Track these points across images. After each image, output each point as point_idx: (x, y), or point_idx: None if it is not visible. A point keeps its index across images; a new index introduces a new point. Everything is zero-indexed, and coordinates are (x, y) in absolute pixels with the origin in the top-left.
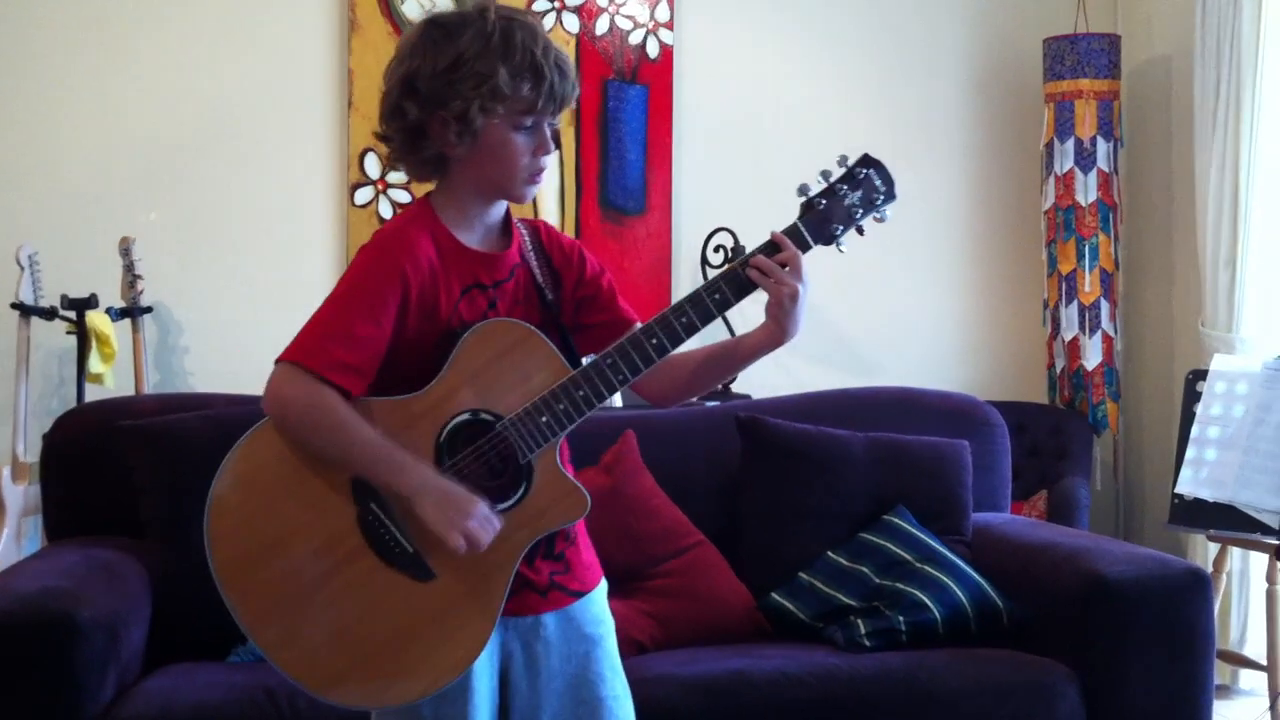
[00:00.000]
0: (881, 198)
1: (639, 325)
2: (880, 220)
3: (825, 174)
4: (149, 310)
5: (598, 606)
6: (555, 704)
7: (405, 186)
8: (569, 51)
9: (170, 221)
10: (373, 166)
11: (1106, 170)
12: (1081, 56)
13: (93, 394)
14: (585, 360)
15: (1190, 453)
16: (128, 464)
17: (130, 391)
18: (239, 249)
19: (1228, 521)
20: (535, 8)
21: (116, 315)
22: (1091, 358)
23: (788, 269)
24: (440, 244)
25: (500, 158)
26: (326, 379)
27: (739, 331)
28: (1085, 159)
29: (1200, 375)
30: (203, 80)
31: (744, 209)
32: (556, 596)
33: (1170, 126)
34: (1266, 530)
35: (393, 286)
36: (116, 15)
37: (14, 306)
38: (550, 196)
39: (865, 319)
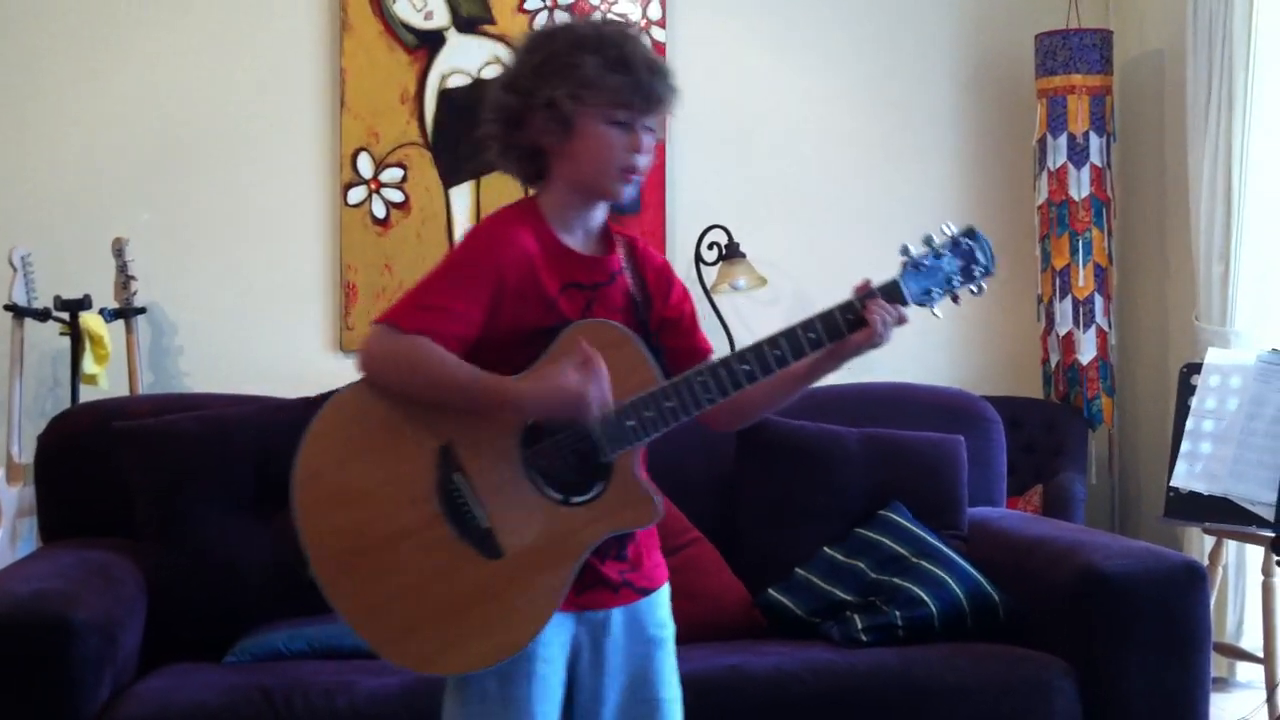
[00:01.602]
0: (980, 270)
1: (712, 356)
2: (976, 293)
3: (928, 238)
4: (142, 311)
5: (663, 609)
6: (616, 700)
7: (399, 186)
8: None
9: (163, 222)
10: (365, 166)
11: (1099, 165)
12: (1074, 52)
13: (87, 395)
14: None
15: (1185, 446)
16: (122, 465)
17: (124, 392)
18: (232, 249)
19: (1223, 514)
20: (527, 6)
21: (110, 316)
22: (1086, 352)
23: (899, 321)
24: (542, 240)
25: (593, 151)
26: (417, 336)
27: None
28: (1078, 154)
29: (1194, 369)
30: (195, 81)
31: (737, 206)
32: (626, 594)
33: (1163, 121)
34: (1262, 523)
35: (489, 272)
36: (109, 16)
37: (7, 308)
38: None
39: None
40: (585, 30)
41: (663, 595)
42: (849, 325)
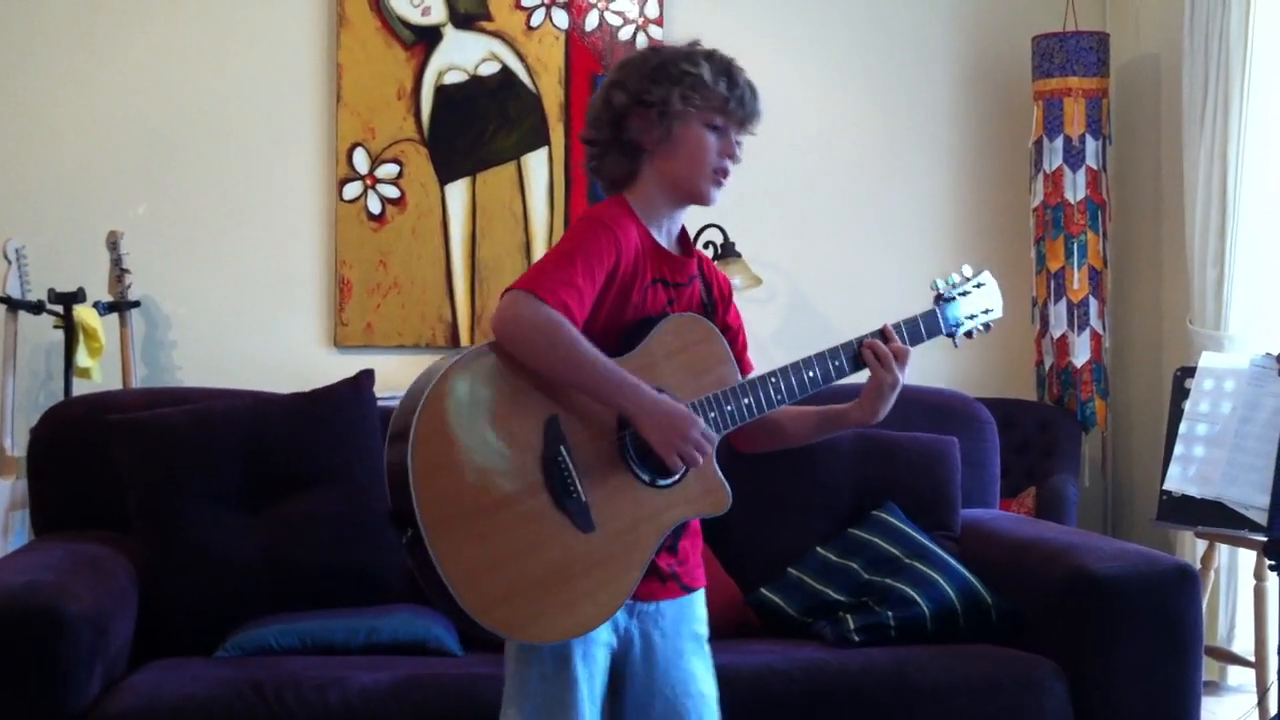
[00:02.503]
0: (993, 310)
1: (753, 374)
2: (984, 331)
3: (951, 278)
4: (136, 304)
5: (702, 607)
6: (665, 694)
7: (394, 181)
8: (558, 47)
9: (158, 216)
10: (361, 161)
11: (1095, 168)
12: (1070, 54)
13: (80, 388)
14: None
15: (1178, 449)
16: (114, 458)
17: (118, 386)
18: (227, 243)
19: (1216, 518)
20: (524, 3)
21: (104, 309)
22: (1080, 355)
23: (897, 360)
24: (640, 234)
25: (690, 152)
26: (553, 309)
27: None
28: (1074, 157)
29: (1188, 372)
30: (191, 75)
31: (733, 206)
32: (673, 587)
33: (1159, 124)
34: (1254, 527)
35: (609, 255)
36: (105, 9)
37: (1, 301)
38: (540, 191)
39: (854, 315)
40: (695, 46)
41: (702, 595)
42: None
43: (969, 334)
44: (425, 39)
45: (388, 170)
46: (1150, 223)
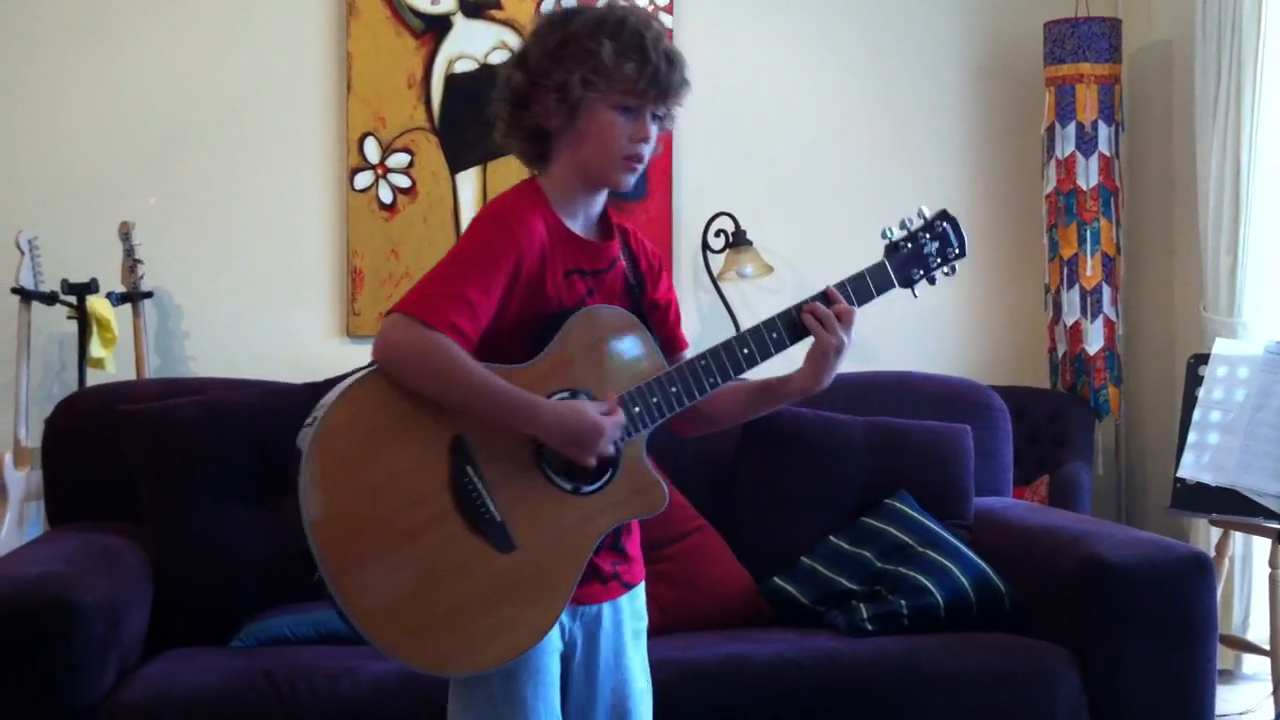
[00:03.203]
0: (955, 252)
1: (687, 353)
2: (949, 274)
3: (905, 222)
4: (149, 295)
5: (640, 601)
6: (608, 695)
7: (405, 171)
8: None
9: (170, 206)
10: (372, 151)
11: (1108, 154)
12: (1082, 40)
13: (94, 379)
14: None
15: (1192, 437)
16: (128, 449)
17: (131, 376)
18: (239, 234)
19: (1230, 506)
20: None
21: (117, 300)
22: (1093, 342)
23: (841, 321)
24: (549, 225)
25: (597, 136)
26: (438, 332)
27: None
28: (1086, 143)
29: (1202, 359)
30: (202, 65)
31: (744, 194)
32: (614, 587)
33: (1171, 111)
34: (1269, 514)
35: (506, 261)
36: (116, 1)
37: (14, 291)
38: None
39: (866, 304)
40: (604, 15)
41: (642, 590)
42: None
43: (931, 280)
44: (435, 28)
45: (399, 160)
46: (1163, 209)
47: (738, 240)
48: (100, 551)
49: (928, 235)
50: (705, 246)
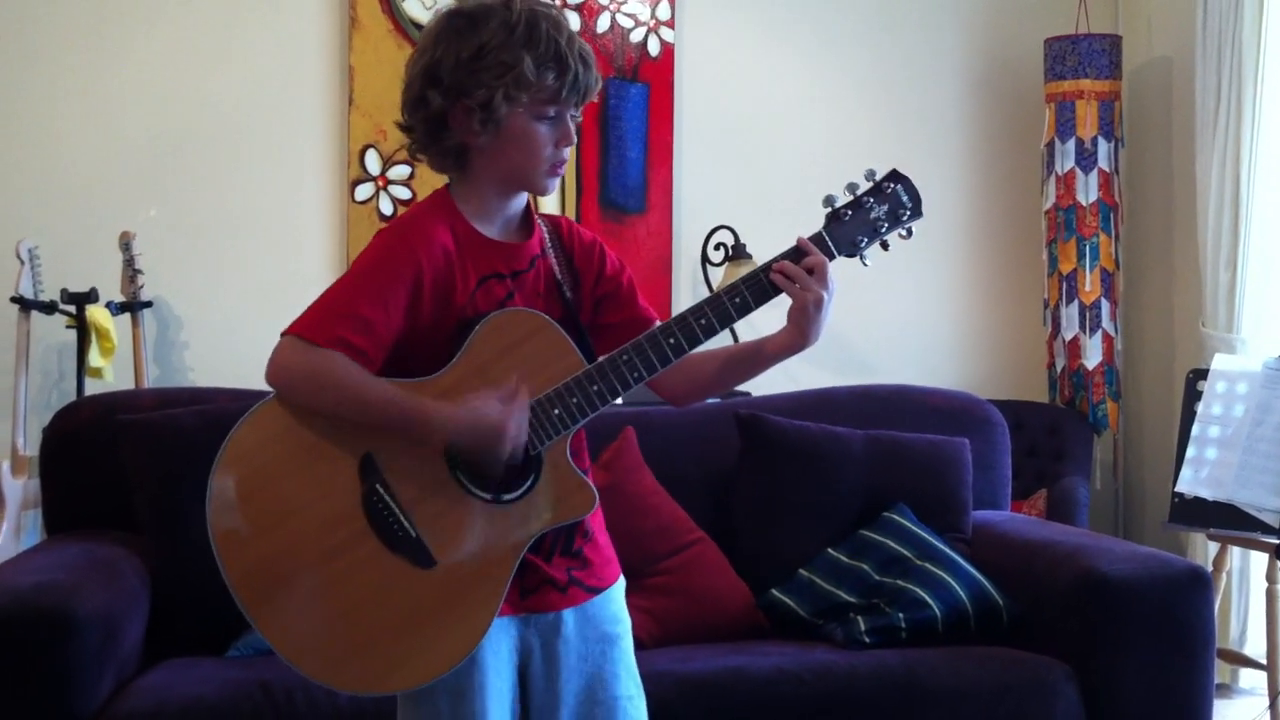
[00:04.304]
0: (908, 213)
1: (658, 324)
2: (905, 237)
3: (852, 186)
4: (149, 305)
5: (616, 604)
6: (572, 703)
7: (406, 183)
8: None
9: (170, 217)
10: (373, 163)
11: (1107, 170)
12: (1082, 57)
13: (92, 388)
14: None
15: (1190, 452)
16: (126, 458)
17: (130, 386)
18: (239, 245)
19: (1228, 520)
20: None
21: (116, 310)
22: (1092, 357)
23: (814, 275)
24: (458, 233)
25: (522, 148)
26: (329, 351)
27: (743, 337)
28: (1086, 159)
29: (1201, 375)
30: (203, 76)
31: (745, 207)
32: (575, 593)
33: (1171, 127)
34: (1266, 529)
35: (405, 274)
36: (117, 11)
37: (14, 300)
38: (550, 195)
39: (865, 317)
40: (514, 19)
41: (616, 591)
42: (774, 286)
43: (884, 245)
44: None
45: (399, 171)
46: (1162, 225)
47: (737, 253)
48: (97, 561)
49: (874, 199)
50: (705, 259)
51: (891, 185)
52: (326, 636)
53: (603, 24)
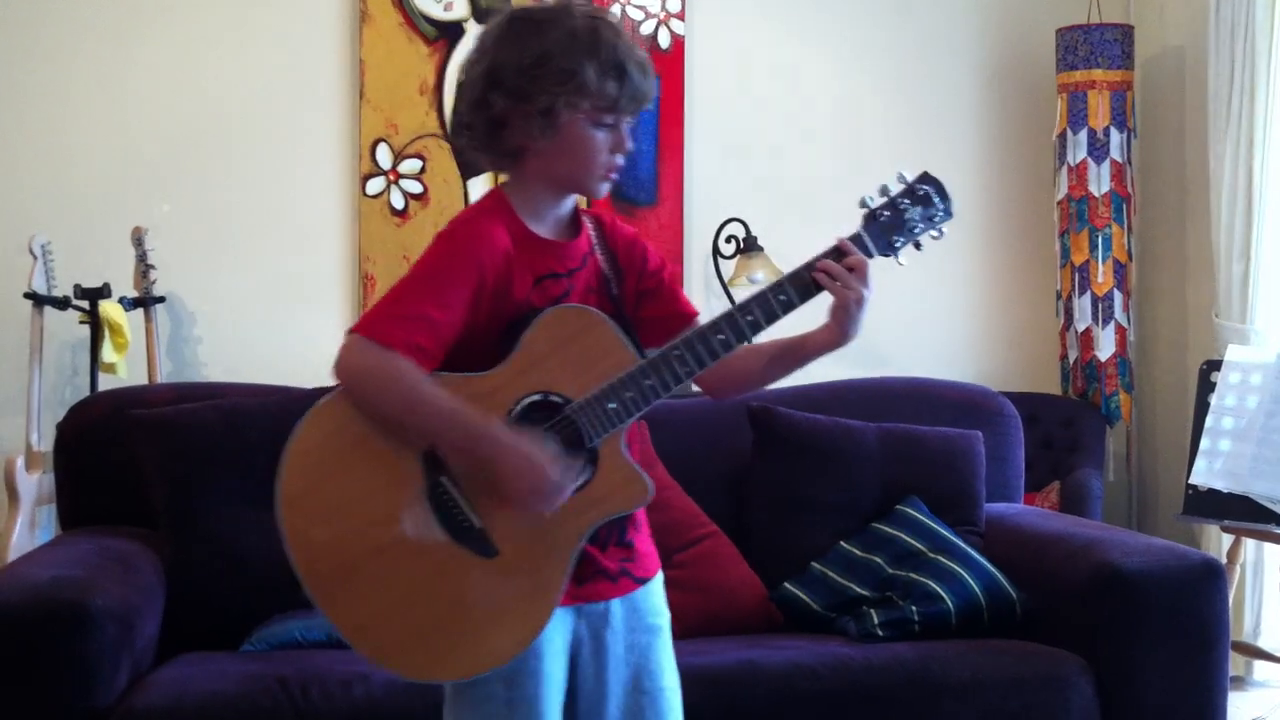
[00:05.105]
0: (940, 215)
1: (699, 319)
2: (937, 237)
3: (884, 188)
4: (162, 300)
5: (658, 596)
6: (619, 692)
7: (417, 177)
8: None
9: (183, 212)
10: (384, 157)
11: (1120, 161)
12: (1095, 47)
13: (106, 383)
14: (649, 352)
15: (1204, 443)
16: (140, 454)
17: (143, 381)
18: (251, 240)
19: (1242, 512)
20: None
21: (129, 305)
22: (1105, 349)
23: (855, 273)
24: (514, 233)
25: (579, 153)
26: (395, 352)
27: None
28: (1098, 150)
29: (1214, 366)
30: (214, 72)
31: (756, 200)
32: (625, 583)
33: (1184, 117)
34: None
35: (467, 275)
36: (129, 8)
37: (27, 296)
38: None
39: (877, 310)
40: (577, 26)
41: (658, 583)
42: (817, 284)
43: (917, 245)
44: (447, 34)
45: (411, 166)
46: (1175, 216)
47: (749, 246)
48: (112, 555)
49: (908, 200)
50: (716, 253)
51: (924, 187)
52: (391, 623)
53: (612, 17)
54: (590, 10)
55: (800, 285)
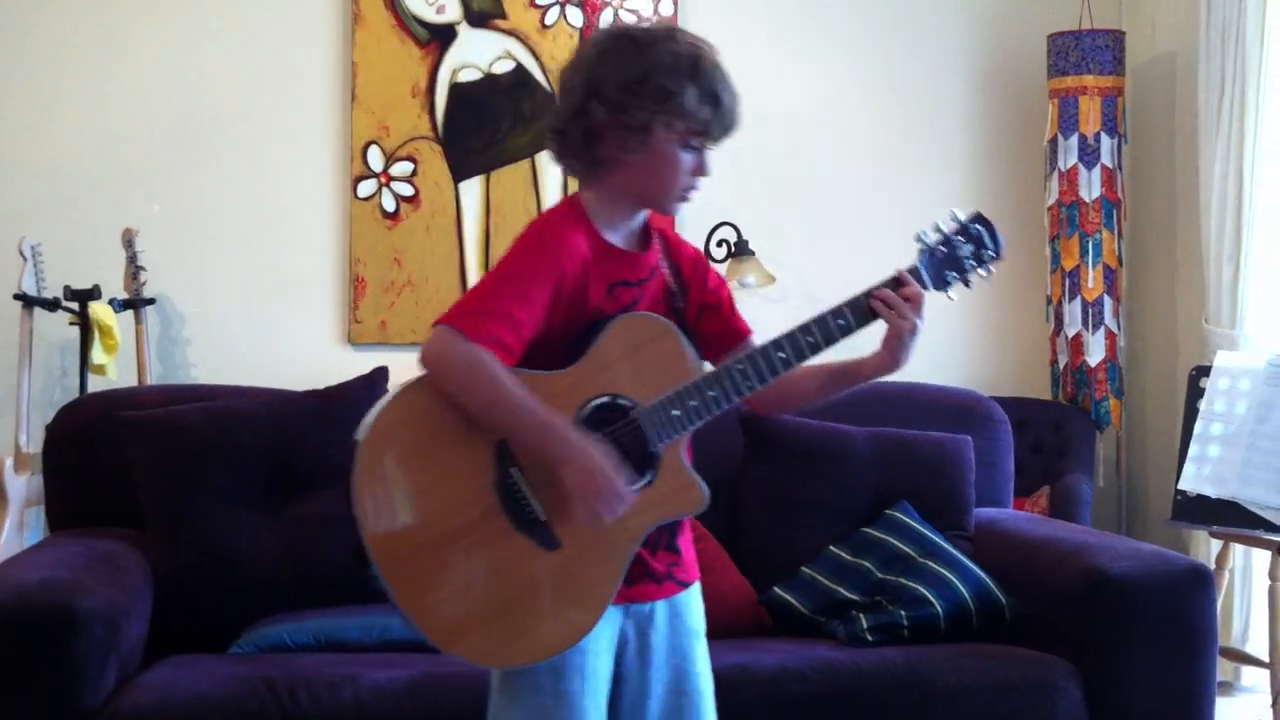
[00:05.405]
0: (990, 255)
1: (753, 338)
2: (985, 277)
3: (938, 225)
4: (151, 302)
5: (698, 602)
6: (660, 692)
7: (408, 179)
8: (572, 45)
9: (173, 214)
10: (375, 159)
11: (1110, 166)
12: (1086, 52)
13: (95, 385)
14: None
15: (1193, 449)
16: (129, 455)
17: (133, 383)
18: (242, 241)
19: (1230, 518)
20: (539, 1)
21: (119, 307)
22: (1094, 354)
23: (910, 304)
24: (592, 241)
25: (664, 171)
26: (481, 346)
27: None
28: (1089, 155)
29: (1204, 371)
30: (206, 72)
31: (746, 204)
32: (669, 586)
33: (1174, 123)
34: (1269, 527)
35: (548, 276)
36: (119, 8)
37: (16, 298)
38: (554, 189)
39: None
40: (681, 51)
41: (698, 589)
42: (874, 312)
43: (967, 282)
44: (440, 37)
45: (402, 168)
46: (1166, 221)
47: (740, 250)
48: (101, 557)
49: (962, 238)
50: (707, 256)
51: (977, 227)
52: (455, 607)
53: (605, 19)
54: (694, 39)
55: (858, 311)
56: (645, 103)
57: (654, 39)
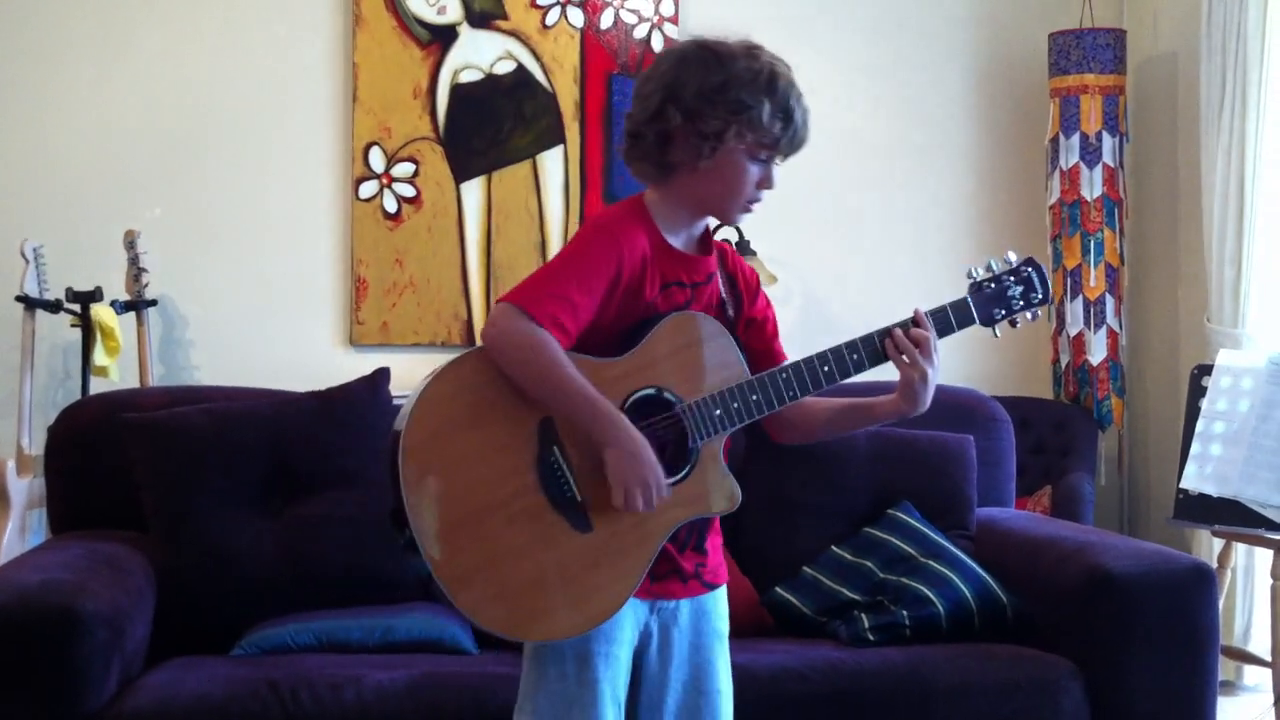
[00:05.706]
0: (1038, 297)
1: (789, 361)
2: (1031, 319)
3: (990, 264)
4: (153, 303)
5: (724, 605)
6: (679, 689)
7: (410, 180)
8: (573, 46)
9: (175, 215)
10: (377, 160)
11: (1112, 165)
12: (1087, 51)
13: (97, 387)
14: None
15: (1195, 448)
16: (132, 457)
17: (135, 384)
18: (243, 243)
19: (1232, 517)
20: (540, 2)
21: (121, 308)
22: (1096, 353)
23: (919, 349)
24: (652, 240)
25: (731, 180)
26: (541, 326)
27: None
28: (1091, 154)
29: (1205, 370)
30: (207, 74)
31: None
32: (694, 586)
33: (1176, 122)
34: (1271, 526)
35: (608, 266)
36: (123, 10)
37: (19, 299)
38: (555, 190)
39: (869, 313)
40: (759, 66)
41: (724, 592)
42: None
43: (1013, 322)
44: (441, 38)
45: (404, 169)
46: (1167, 220)
47: (741, 250)
48: (103, 559)
49: (1012, 278)
50: None
51: (1028, 270)
52: (488, 579)
53: (606, 20)
54: (772, 56)
55: (870, 350)
56: (720, 112)
57: (734, 53)
